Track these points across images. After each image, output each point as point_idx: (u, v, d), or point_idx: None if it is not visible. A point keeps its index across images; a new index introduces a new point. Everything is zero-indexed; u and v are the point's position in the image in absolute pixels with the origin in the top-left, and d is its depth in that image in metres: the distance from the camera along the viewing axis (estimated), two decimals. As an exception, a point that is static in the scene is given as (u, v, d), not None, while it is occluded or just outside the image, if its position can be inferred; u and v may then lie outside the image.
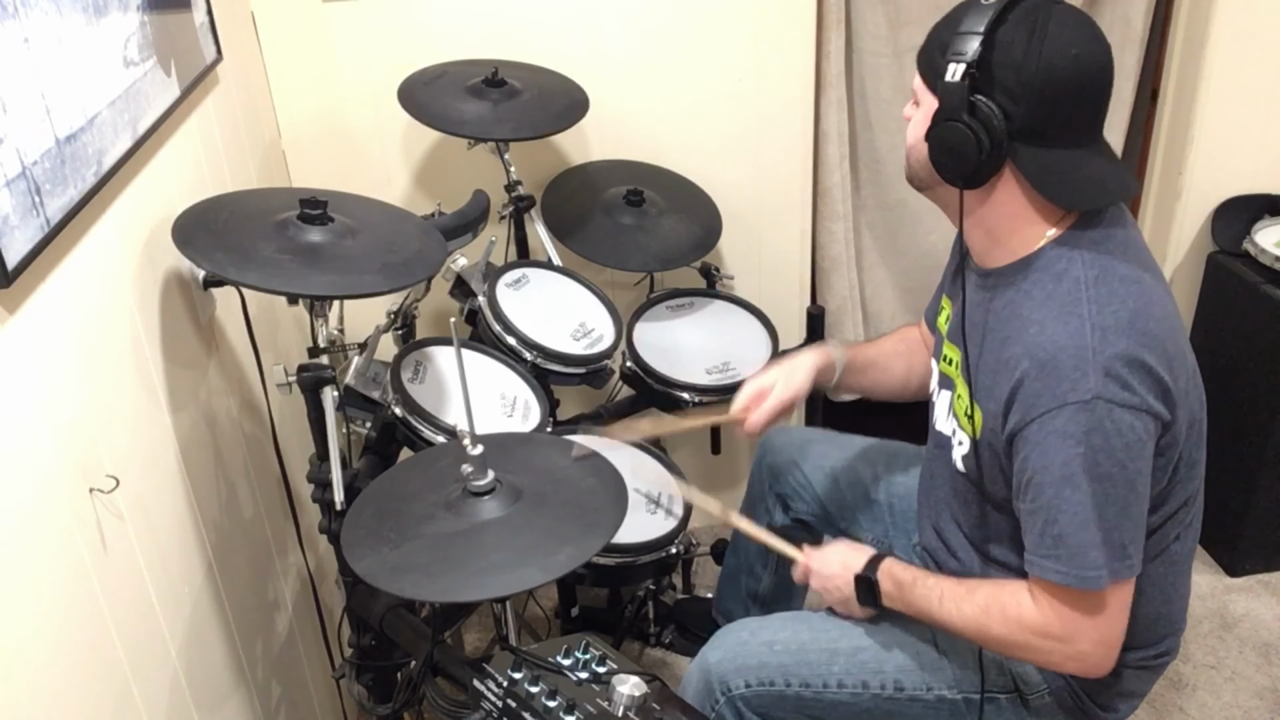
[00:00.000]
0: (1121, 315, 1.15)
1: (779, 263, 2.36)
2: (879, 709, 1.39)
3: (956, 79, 1.14)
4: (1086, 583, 1.16)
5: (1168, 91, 2.35)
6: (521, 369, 1.75)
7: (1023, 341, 1.18)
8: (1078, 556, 1.15)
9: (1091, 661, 1.22)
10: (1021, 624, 1.22)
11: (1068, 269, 1.19)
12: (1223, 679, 2.12)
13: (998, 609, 1.24)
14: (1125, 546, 1.16)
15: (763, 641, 1.43)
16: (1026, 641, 1.23)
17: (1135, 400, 1.13)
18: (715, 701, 1.42)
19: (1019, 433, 1.18)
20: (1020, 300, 1.21)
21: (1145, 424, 1.14)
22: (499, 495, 1.21)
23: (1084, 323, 1.14)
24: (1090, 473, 1.13)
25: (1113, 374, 1.12)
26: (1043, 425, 1.15)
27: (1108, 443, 1.12)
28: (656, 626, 2.01)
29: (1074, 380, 1.12)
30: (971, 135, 1.15)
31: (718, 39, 2.14)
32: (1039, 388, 1.15)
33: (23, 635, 0.93)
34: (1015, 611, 1.22)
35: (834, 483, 1.70)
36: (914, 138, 1.26)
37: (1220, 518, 2.32)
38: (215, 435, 1.52)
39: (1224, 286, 2.32)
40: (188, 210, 1.37)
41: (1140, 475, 1.16)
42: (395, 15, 2.04)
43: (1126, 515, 1.16)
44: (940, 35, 1.21)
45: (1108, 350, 1.12)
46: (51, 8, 1.07)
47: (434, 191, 2.19)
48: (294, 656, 1.81)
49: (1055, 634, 1.20)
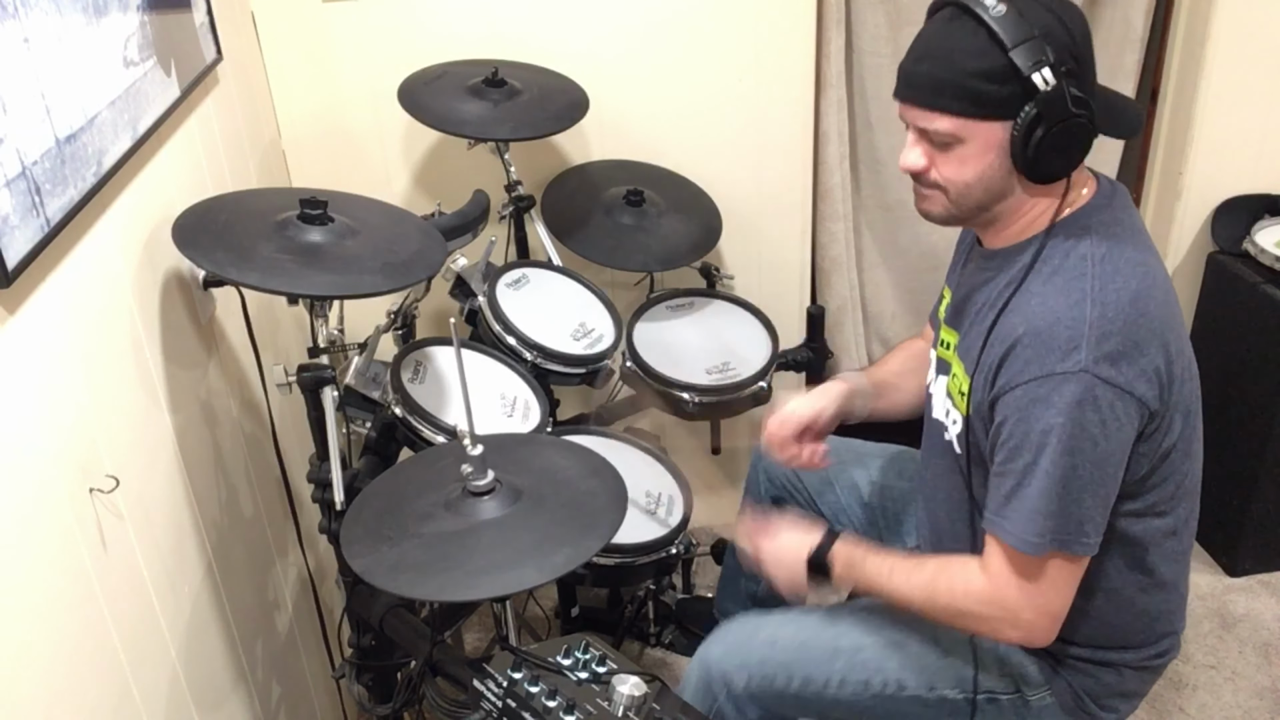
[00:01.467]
0: (1124, 294, 1.15)
1: (779, 263, 2.36)
2: (880, 707, 1.39)
3: (1053, 81, 1.12)
4: (1029, 547, 1.18)
5: (1168, 91, 2.35)
6: (521, 369, 1.75)
7: (1022, 311, 1.19)
8: (1029, 521, 1.17)
9: (1033, 632, 1.24)
10: (968, 592, 1.24)
11: (1077, 245, 1.20)
12: (1223, 679, 2.12)
13: (945, 578, 1.26)
14: (1083, 524, 1.17)
15: (764, 638, 1.43)
16: (970, 609, 1.25)
17: (1122, 381, 1.13)
18: (715, 698, 1.42)
19: (1002, 396, 1.19)
20: (1028, 278, 1.21)
21: (1128, 407, 1.14)
22: (498, 495, 1.21)
23: (1085, 297, 1.15)
24: (1064, 444, 1.14)
25: (1105, 352, 1.13)
26: (1027, 391, 1.15)
27: (1086, 418, 1.13)
28: (656, 626, 2.01)
29: (1065, 351, 1.13)
30: (1086, 121, 1.15)
31: (718, 39, 2.14)
32: (1029, 355, 1.16)
33: (23, 635, 0.93)
34: (963, 581, 1.25)
35: (829, 486, 1.70)
36: (976, 172, 1.20)
37: (1220, 518, 2.32)
38: (215, 435, 1.52)
39: (1224, 286, 2.32)
40: (188, 210, 1.37)
41: (1112, 457, 1.16)
42: (395, 15, 2.04)
43: (1091, 493, 1.17)
44: (965, 66, 1.15)
45: (1104, 327, 1.13)
46: (51, 8, 1.07)
47: (434, 191, 2.19)
48: (294, 656, 1.81)
49: (997, 600, 1.22)
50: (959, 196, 1.23)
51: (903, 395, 1.59)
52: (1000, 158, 1.18)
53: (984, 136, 1.18)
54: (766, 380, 1.92)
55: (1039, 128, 1.14)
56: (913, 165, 1.24)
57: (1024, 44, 1.11)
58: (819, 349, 2.29)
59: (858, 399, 1.57)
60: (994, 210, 1.25)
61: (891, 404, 1.60)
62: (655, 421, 2.45)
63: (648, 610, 1.99)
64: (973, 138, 1.18)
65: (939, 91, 1.17)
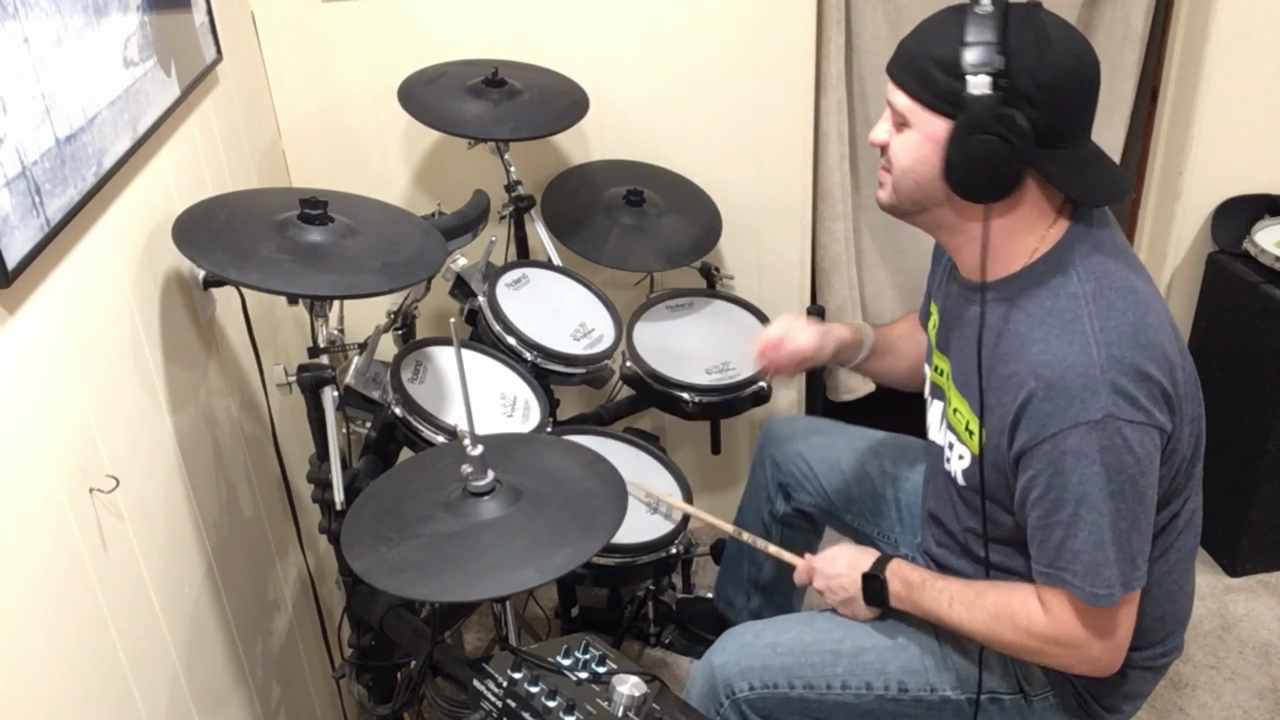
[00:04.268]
0: (1124, 329, 1.15)
1: (779, 263, 2.36)
2: (883, 710, 1.39)
3: (986, 91, 1.11)
4: (1100, 600, 1.17)
5: (1168, 91, 2.35)
6: (521, 369, 1.75)
7: (1025, 360, 1.18)
8: (1093, 574, 1.16)
9: (1102, 664, 1.24)
10: (1032, 632, 1.23)
11: (1064, 284, 1.19)
12: (1223, 679, 2.12)
13: (1008, 616, 1.25)
14: (1135, 559, 1.18)
15: (766, 644, 1.43)
16: (1038, 648, 1.25)
17: (1143, 416, 1.13)
18: (720, 705, 1.42)
19: (1029, 451, 1.18)
20: (1016, 317, 1.21)
21: (1153, 438, 1.15)
22: (498, 495, 1.21)
23: (1088, 340, 1.14)
24: (1106, 490, 1.14)
25: (1121, 391, 1.12)
26: (1055, 445, 1.15)
27: (1120, 460, 1.13)
28: (656, 626, 2.01)
29: (1084, 400, 1.13)
30: (1007, 146, 1.12)
31: (718, 39, 2.14)
32: (1049, 408, 1.15)
33: (23, 635, 0.93)
34: (1025, 620, 1.24)
35: (840, 475, 1.70)
36: (912, 159, 1.21)
37: (1220, 518, 2.32)
38: (215, 435, 1.52)
39: (1224, 286, 2.32)
40: (188, 210, 1.37)
41: (1150, 489, 1.17)
42: (395, 15, 2.04)
43: (1137, 529, 1.17)
44: (931, 49, 1.16)
45: (1114, 367, 1.13)
46: (51, 8, 1.07)
47: (434, 191, 2.19)
48: (294, 656, 1.81)
49: (1066, 641, 1.22)
50: (896, 182, 1.25)
51: (901, 362, 1.60)
52: (935, 155, 1.18)
53: (927, 127, 1.18)
54: (766, 380, 1.92)
55: (965, 133, 1.14)
56: (875, 137, 1.27)
57: (979, 45, 1.11)
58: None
59: (855, 350, 1.58)
60: (930, 216, 1.25)
61: (889, 368, 1.61)
62: (655, 421, 2.45)
63: (648, 610, 1.99)
64: (918, 124, 1.19)
65: (905, 67, 1.20)
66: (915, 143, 1.20)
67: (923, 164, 1.20)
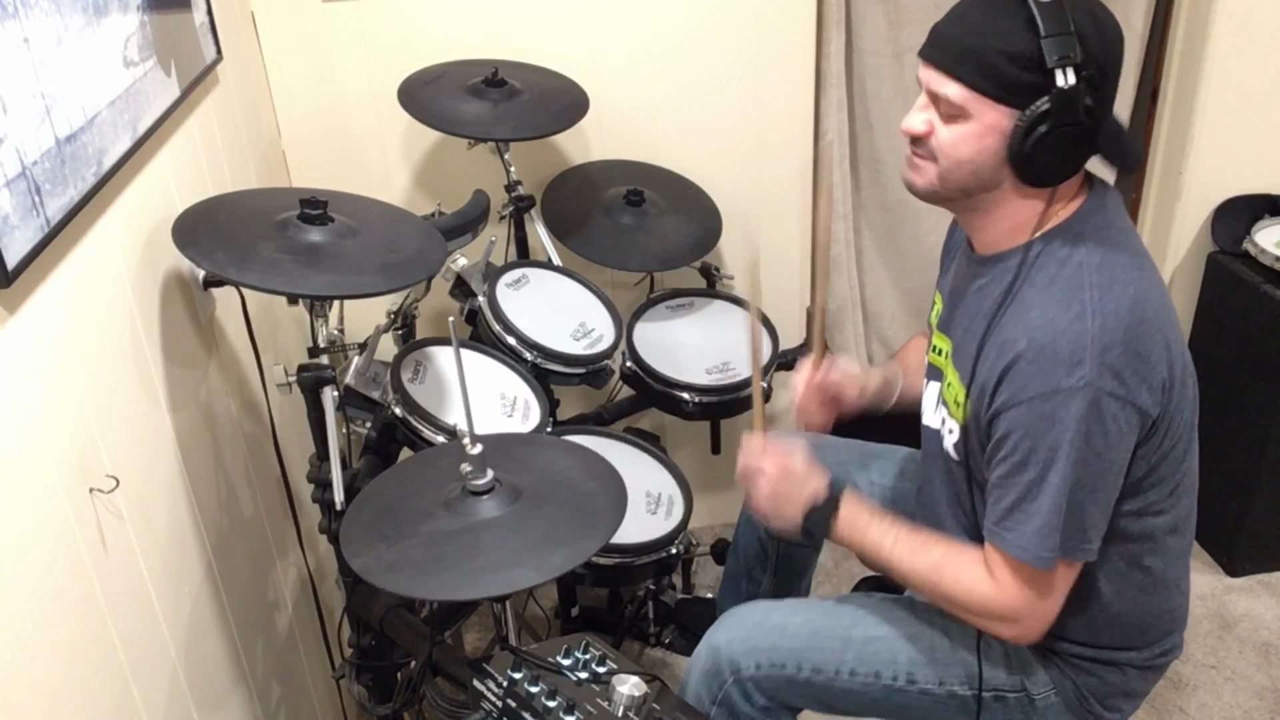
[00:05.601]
0: (1123, 303, 1.15)
1: (779, 263, 2.36)
2: (889, 700, 1.39)
3: (1072, 82, 1.11)
4: (1041, 562, 1.19)
5: (1168, 91, 2.35)
6: (521, 369, 1.75)
7: (1023, 324, 1.18)
8: (1040, 537, 1.18)
9: (1028, 634, 1.26)
10: (971, 590, 1.25)
11: (1071, 254, 1.19)
12: (1223, 679, 2.12)
13: (950, 571, 1.27)
14: (1086, 531, 1.19)
15: (775, 624, 1.43)
16: (971, 605, 1.26)
17: (1124, 393, 1.14)
18: (723, 682, 1.41)
19: (1005, 411, 1.18)
20: (1022, 288, 1.21)
21: (1130, 417, 1.15)
22: (498, 495, 1.21)
23: (1085, 309, 1.15)
24: (1072, 458, 1.14)
25: (1108, 364, 1.13)
26: (1032, 408, 1.15)
27: (1092, 431, 1.14)
28: (656, 626, 2.01)
29: (1070, 366, 1.13)
30: (1084, 131, 1.14)
31: (718, 39, 2.14)
32: (1033, 370, 1.15)
33: (23, 635, 0.93)
34: (968, 579, 1.25)
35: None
36: (973, 150, 1.18)
37: (1220, 518, 2.32)
38: (215, 435, 1.52)
39: (1224, 286, 2.32)
40: (188, 210, 1.37)
41: (1115, 465, 1.18)
42: (395, 15, 2.04)
43: (1094, 500, 1.18)
44: (995, 42, 1.13)
45: (1106, 339, 1.13)
46: (51, 8, 1.07)
47: (434, 191, 2.19)
48: (294, 656, 1.81)
49: (999, 604, 1.23)
50: (946, 172, 1.22)
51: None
52: (998, 145, 1.17)
53: (990, 118, 1.16)
54: (766, 380, 1.92)
55: (1044, 124, 1.13)
56: (914, 128, 1.23)
57: (1058, 36, 1.10)
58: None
59: (890, 390, 1.59)
60: (976, 199, 1.24)
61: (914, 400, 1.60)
62: (655, 421, 2.45)
63: (648, 610, 1.99)
64: (979, 116, 1.17)
65: (961, 59, 1.16)
66: (975, 134, 1.18)
67: (984, 154, 1.18)
